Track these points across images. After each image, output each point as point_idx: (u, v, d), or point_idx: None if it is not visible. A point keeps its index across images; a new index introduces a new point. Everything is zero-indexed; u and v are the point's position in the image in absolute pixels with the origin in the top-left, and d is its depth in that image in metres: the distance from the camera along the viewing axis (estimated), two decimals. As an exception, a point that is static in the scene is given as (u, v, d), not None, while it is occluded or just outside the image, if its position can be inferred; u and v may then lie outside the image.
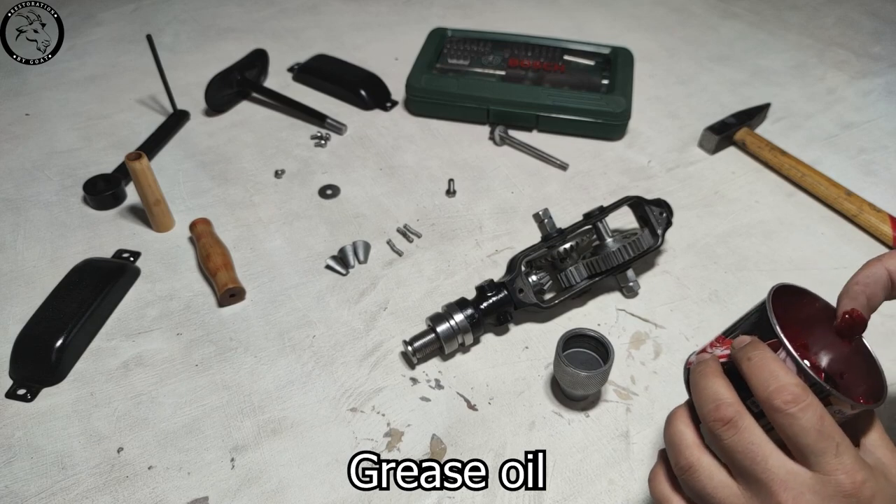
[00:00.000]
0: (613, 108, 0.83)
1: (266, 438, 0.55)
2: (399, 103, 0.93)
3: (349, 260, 0.69)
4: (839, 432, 0.34)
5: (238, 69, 0.90)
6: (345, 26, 1.10)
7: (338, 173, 0.81)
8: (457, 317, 0.59)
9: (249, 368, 0.60)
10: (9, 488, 0.51)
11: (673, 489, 0.40)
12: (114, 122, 0.89)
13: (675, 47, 1.06)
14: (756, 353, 0.37)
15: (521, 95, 0.85)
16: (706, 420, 0.37)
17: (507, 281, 0.62)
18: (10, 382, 0.58)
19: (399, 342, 0.62)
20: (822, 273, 0.68)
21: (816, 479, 0.34)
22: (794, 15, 1.14)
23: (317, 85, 0.95)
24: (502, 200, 0.77)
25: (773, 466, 0.34)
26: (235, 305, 0.65)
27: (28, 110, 0.91)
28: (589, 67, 0.92)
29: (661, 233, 0.66)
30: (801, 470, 0.34)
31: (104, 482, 0.52)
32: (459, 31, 0.96)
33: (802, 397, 0.34)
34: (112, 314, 0.64)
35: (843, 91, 0.96)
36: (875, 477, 0.34)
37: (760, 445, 0.35)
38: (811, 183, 0.77)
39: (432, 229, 0.74)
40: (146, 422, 0.56)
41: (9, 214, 0.75)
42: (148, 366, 0.60)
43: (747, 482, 0.35)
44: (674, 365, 0.60)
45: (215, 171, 0.82)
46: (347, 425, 0.56)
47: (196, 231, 0.70)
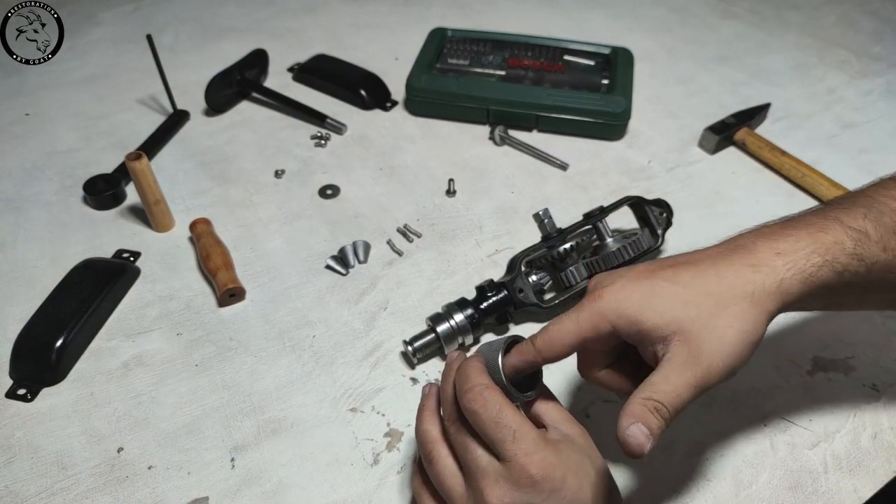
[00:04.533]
0: (613, 108, 0.83)
1: (266, 438, 0.55)
2: (399, 103, 0.93)
3: (349, 260, 0.69)
4: (518, 422, 0.39)
5: (238, 69, 0.90)
6: (345, 26, 1.10)
7: (338, 173, 0.81)
8: (457, 317, 0.59)
9: (249, 368, 0.60)
10: (9, 488, 0.51)
11: (423, 482, 0.46)
12: (114, 122, 0.89)
13: (675, 47, 1.06)
14: (462, 362, 0.43)
15: (521, 95, 0.85)
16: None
17: (507, 281, 0.62)
18: (10, 382, 0.58)
19: (399, 342, 0.62)
20: (823, 273, 0.68)
21: (505, 466, 0.39)
22: (794, 15, 1.14)
23: (317, 85, 0.95)
24: (502, 200, 0.77)
25: (477, 458, 0.40)
26: (235, 305, 0.65)
27: (28, 110, 0.91)
28: (589, 67, 0.92)
29: (662, 233, 0.66)
30: (494, 460, 0.40)
31: (104, 482, 0.52)
32: (459, 31, 0.96)
33: (483, 395, 0.40)
34: (112, 314, 0.64)
35: (844, 91, 0.96)
36: (559, 451, 0.39)
37: (468, 441, 0.41)
38: (811, 183, 0.77)
39: (432, 229, 0.74)
40: (146, 422, 0.56)
41: (9, 214, 0.75)
42: (148, 366, 0.60)
43: (465, 472, 0.41)
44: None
45: (215, 171, 0.81)
46: (347, 425, 0.56)
47: (196, 231, 0.70)
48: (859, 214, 0.43)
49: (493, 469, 0.39)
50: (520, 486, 0.38)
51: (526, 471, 0.38)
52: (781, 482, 0.52)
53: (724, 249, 0.43)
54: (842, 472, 0.52)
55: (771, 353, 0.61)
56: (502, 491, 0.39)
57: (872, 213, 0.43)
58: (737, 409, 0.56)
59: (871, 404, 0.57)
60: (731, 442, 0.54)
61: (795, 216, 0.45)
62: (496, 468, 0.39)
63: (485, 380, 0.41)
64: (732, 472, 0.52)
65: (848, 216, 0.43)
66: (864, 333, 0.62)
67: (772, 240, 0.42)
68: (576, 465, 0.40)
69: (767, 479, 0.52)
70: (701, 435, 0.55)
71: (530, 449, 0.38)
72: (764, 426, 0.55)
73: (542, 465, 0.38)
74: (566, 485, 0.39)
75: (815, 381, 0.59)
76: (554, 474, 0.38)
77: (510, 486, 0.38)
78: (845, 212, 0.43)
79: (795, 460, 0.53)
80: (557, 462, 0.39)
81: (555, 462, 0.39)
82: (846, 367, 0.60)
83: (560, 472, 0.39)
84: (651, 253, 0.66)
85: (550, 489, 0.38)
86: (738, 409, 0.56)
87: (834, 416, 0.56)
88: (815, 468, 0.52)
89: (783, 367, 0.60)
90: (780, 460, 0.53)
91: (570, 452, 0.40)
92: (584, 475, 0.40)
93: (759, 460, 0.53)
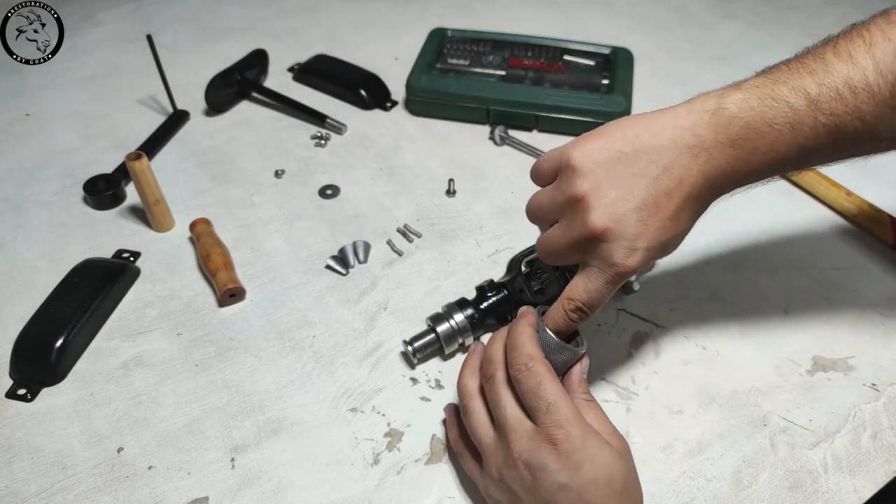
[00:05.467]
0: (613, 108, 0.83)
1: (266, 438, 0.55)
2: (399, 103, 0.93)
3: (349, 260, 0.69)
4: (555, 396, 0.42)
5: (238, 69, 0.90)
6: (345, 26, 1.10)
7: (338, 173, 0.81)
8: (457, 317, 0.59)
9: (249, 368, 0.60)
10: (9, 488, 0.51)
11: (459, 435, 0.50)
12: (114, 122, 0.89)
13: (675, 47, 1.06)
14: (516, 327, 0.46)
15: (521, 95, 0.85)
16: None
17: (507, 281, 0.62)
18: (10, 382, 0.58)
19: (399, 342, 0.62)
20: (822, 273, 0.68)
21: (533, 429, 0.42)
22: (794, 15, 1.15)
23: (317, 85, 0.95)
24: (502, 200, 0.77)
25: (509, 414, 0.44)
26: (235, 305, 0.65)
27: (28, 110, 0.91)
28: (589, 67, 0.92)
29: (661, 233, 0.66)
30: (526, 420, 0.43)
31: (104, 482, 0.52)
32: (459, 31, 0.96)
33: (528, 366, 0.43)
34: (112, 314, 0.64)
35: (843, 91, 0.95)
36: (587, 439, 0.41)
37: (503, 397, 0.44)
38: (811, 183, 0.77)
39: (432, 229, 0.74)
40: (146, 422, 0.56)
41: (9, 214, 0.75)
42: (148, 366, 0.60)
43: (496, 425, 0.45)
44: (674, 365, 0.60)
45: (215, 171, 0.82)
46: (347, 425, 0.56)
47: (196, 231, 0.70)
48: (818, 78, 0.41)
49: (520, 426, 0.43)
50: (540, 447, 0.41)
51: (551, 438, 0.41)
52: (781, 482, 0.52)
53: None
54: (842, 472, 0.52)
55: (770, 352, 0.61)
56: (525, 446, 0.42)
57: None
58: (737, 409, 0.56)
59: (871, 404, 0.57)
60: (731, 442, 0.54)
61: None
62: (524, 426, 0.43)
63: (533, 350, 0.44)
64: (732, 472, 0.52)
65: (811, 80, 0.41)
66: (864, 333, 0.62)
67: (719, 92, 0.43)
68: (600, 460, 0.41)
69: (767, 479, 0.52)
70: (701, 435, 0.55)
71: (560, 421, 0.41)
72: (764, 426, 0.55)
73: (567, 440, 0.40)
74: (582, 470, 0.40)
75: (814, 380, 0.59)
76: (574, 453, 0.40)
77: (532, 444, 0.42)
78: (808, 76, 0.41)
79: (795, 460, 0.53)
80: (581, 445, 0.41)
81: (578, 444, 0.40)
82: (846, 366, 0.60)
83: (579, 457, 0.40)
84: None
85: (566, 464, 0.40)
86: (737, 408, 0.56)
87: (834, 416, 0.56)
88: (815, 468, 0.52)
89: (783, 366, 0.60)
90: (780, 460, 0.53)
91: (598, 446, 0.41)
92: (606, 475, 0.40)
93: (759, 460, 0.53)
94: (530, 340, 0.45)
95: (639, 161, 0.41)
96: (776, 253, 0.71)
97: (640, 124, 0.42)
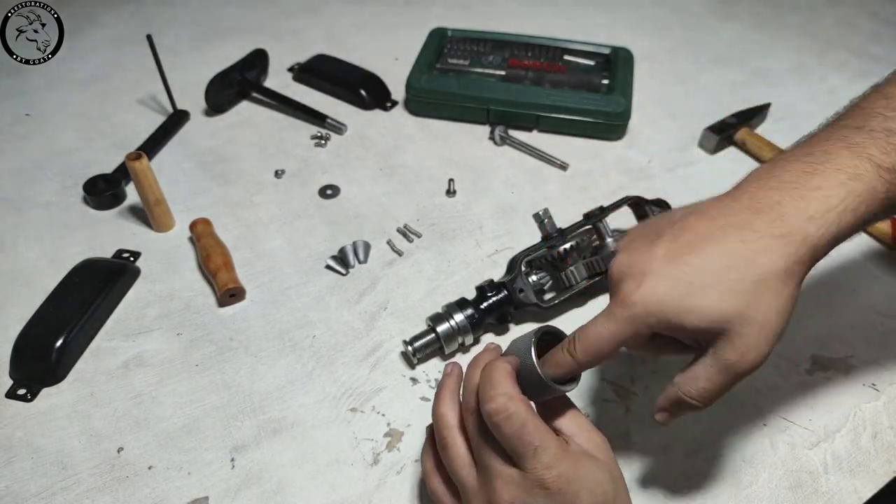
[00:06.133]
0: (613, 108, 0.83)
1: (266, 438, 0.55)
2: (399, 103, 0.93)
3: (349, 260, 0.69)
4: (540, 436, 0.39)
5: (238, 69, 0.90)
6: (345, 26, 1.10)
7: (338, 173, 0.81)
8: (457, 317, 0.59)
9: (249, 368, 0.60)
10: (9, 488, 0.51)
11: (435, 466, 0.46)
12: (114, 122, 0.89)
13: (675, 47, 1.06)
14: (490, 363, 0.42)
15: (521, 95, 0.85)
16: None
17: (507, 281, 0.62)
18: (10, 382, 0.58)
19: (399, 342, 0.62)
20: (822, 273, 0.68)
21: (521, 475, 0.39)
22: (794, 16, 1.15)
23: (317, 85, 0.95)
24: (502, 200, 0.77)
25: (492, 458, 0.40)
26: (235, 305, 0.65)
27: (28, 110, 0.91)
28: (589, 67, 0.92)
29: (661, 233, 0.66)
30: (508, 465, 0.40)
31: (104, 482, 0.52)
32: (459, 31, 0.96)
33: (506, 407, 0.39)
34: (112, 314, 0.64)
35: (844, 91, 0.95)
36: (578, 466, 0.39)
37: (484, 441, 0.41)
38: (811, 183, 0.77)
39: (432, 229, 0.74)
40: (146, 422, 0.56)
41: (9, 214, 0.75)
42: (148, 366, 0.60)
43: (479, 466, 0.42)
44: (674, 365, 0.60)
45: (215, 171, 0.82)
46: (347, 425, 0.56)
47: (196, 231, 0.70)
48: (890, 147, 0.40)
49: (507, 472, 0.40)
50: (532, 493, 0.39)
51: (542, 482, 0.38)
52: (781, 482, 0.52)
53: (744, 211, 0.41)
54: (842, 472, 0.52)
55: (771, 353, 0.61)
56: (514, 493, 0.39)
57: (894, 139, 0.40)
58: (736, 409, 0.56)
59: (870, 404, 0.57)
60: (730, 442, 0.54)
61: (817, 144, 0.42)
62: (510, 472, 0.40)
63: (510, 388, 0.40)
64: (732, 472, 0.52)
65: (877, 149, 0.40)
66: (863, 332, 0.63)
67: (799, 199, 0.39)
68: (593, 482, 0.40)
69: (767, 479, 0.52)
70: (701, 435, 0.55)
71: (550, 463, 0.39)
72: (764, 426, 0.55)
73: (559, 480, 0.38)
74: (579, 500, 0.39)
75: (814, 380, 0.59)
76: (569, 489, 0.39)
77: (523, 491, 0.39)
78: (874, 144, 0.40)
79: (795, 460, 0.53)
80: (574, 477, 0.39)
81: (571, 477, 0.39)
82: (846, 366, 0.60)
83: (575, 487, 0.39)
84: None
85: (562, 501, 0.38)
86: (737, 408, 0.56)
87: (834, 416, 0.56)
88: (815, 468, 0.52)
89: (782, 366, 0.60)
90: (779, 460, 0.53)
91: (589, 468, 0.40)
92: (602, 494, 0.40)
93: (758, 460, 0.53)
94: (506, 377, 0.41)
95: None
96: (776, 253, 0.70)
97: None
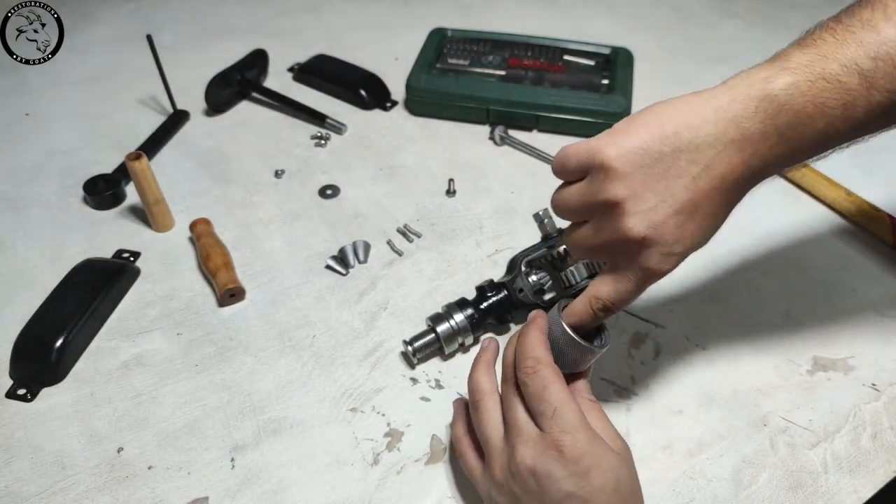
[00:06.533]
0: (613, 108, 0.83)
1: (266, 438, 0.55)
2: (399, 103, 0.93)
3: (349, 260, 0.69)
4: (561, 400, 0.41)
5: (238, 69, 0.90)
6: (345, 26, 1.10)
7: (338, 173, 0.81)
8: (457, 317, 0.59)
9: (249, 368, 0.60)
10: (9, 488, 0.51)
11: (465, 431, 0.50)
12: (114, 122, 0.89)
13: (675, 47, 1.06)
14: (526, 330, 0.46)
15: (521, 95, 0.85)
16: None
17: (507, 281, 0.62)
18: (10, 382, 0.58)
19: (399, 342, 0.62)
20: (822, 273, 0.68)
21: (538, 435, 0.42)
22: (794, 15, 1.14)
23: (317, 85, 0.95)
24: (502, 200, 0.77)
25: (518, 417, 0.43)
26: (235, 305, 0.65)
27: (28, 110, 0.91)
28: (589, 67, 0.92)
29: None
30: (532, 425, 0.42)
31: (104, 482, 0.52)
32: (459, 31, 0.96)
33: (534, 368, 0.43)
34: (112, 314, 0.64)
35: (843, 91, 0.95)
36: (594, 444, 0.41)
37: (515, 401, 0.44)
38: (811, 183, 0.77)
39: (432, 229, 0.74)
40: (146, 422, 0.56)
41: (9, 214, 0.75)
42: (148, 366, 0.60)
43: (506, 427, 0.45)
44: (674, 365, 0.60)
45: (215, 171, 0.82)
46: (347, 425, 0.56)
47: (196, 231, 0.70)
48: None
49: (528, 431, 0.42)
50: (545, 454, 0.40)
51: (556, 445, 0.40)
52: (781, 482, 0.52)
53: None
54: (842, 472, 0.52)
55: (770, 352, 0.61)
56: (529, 452, 0.41)
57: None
58: (736, 409, 0.56)
59: (871, 404, 0.57)
60: (731, 442, 0.54)
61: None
62: (532, 432, 0.42)
63: (541, 353, 0.44)
64: (732, 472, 0.52)
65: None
66: (863, 333, 0.62)
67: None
68: (607, 466, 0.40)
69: (767, 479, 0.52)
70: (701, 435, 0.55)
71: (567, 427, 0.40)
72: (764, 426, 0.55)
73: (573, 448, 0.40)
74: (590, 476, 0.39)
75: (814, 380, 0.59)
76: (581, 460, 0.40)
77: (537, 451, 0.41)
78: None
79: (795, 460, 0.53)
80: (589, 452, 0.40)
81: (586, 451, 0.40)
82: (846, 366, 0.60)
83: (588, 462, 0.40)
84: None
85: (573, 471, 0.39)
86: (737, 408, 0.56)
87: (834, 416, 0.56)
88: (815, 468, 0.52)
89: (782, 366, 0.60)
90: (780, 460, 0.53)
91: (607, 451, 0.41)
92: (614, 480, 0.40)
93: (759, 460, 0.53)
94: (539, 344, 0.44)
95: (678, 161, 0.38)
96: (776, 253, 0.71)
97: (678, 118, 0.39)
